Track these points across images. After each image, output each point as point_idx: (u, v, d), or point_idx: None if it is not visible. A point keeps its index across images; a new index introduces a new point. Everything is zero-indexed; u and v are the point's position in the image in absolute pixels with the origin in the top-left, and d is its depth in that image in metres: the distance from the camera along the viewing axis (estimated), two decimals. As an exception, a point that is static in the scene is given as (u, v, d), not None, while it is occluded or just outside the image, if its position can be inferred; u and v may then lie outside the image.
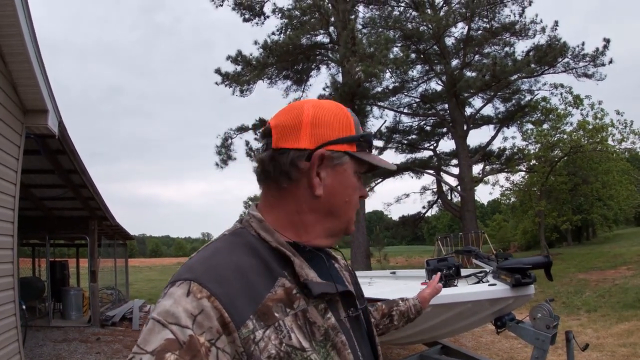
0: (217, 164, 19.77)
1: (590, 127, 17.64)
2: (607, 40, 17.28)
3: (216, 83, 19.12)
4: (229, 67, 18.81)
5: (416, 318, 1.47)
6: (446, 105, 21.58)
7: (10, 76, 4.22)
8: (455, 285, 4.48)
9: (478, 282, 4.47)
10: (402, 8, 21.57)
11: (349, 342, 0.81)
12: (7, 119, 4.29)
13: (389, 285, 6.41)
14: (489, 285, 4.01)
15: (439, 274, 1.74)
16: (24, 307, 6.75)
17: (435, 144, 24.13)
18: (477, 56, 21.01)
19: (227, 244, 0.81)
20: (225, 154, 19.78)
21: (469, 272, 5.07)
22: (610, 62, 17.55)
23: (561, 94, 19.77)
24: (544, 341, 3.41)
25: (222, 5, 19.70)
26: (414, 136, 24.22)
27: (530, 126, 20.45)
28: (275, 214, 0.86)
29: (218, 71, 18.85)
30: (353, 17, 19.00)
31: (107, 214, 9.37)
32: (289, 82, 21.61)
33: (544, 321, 3.46)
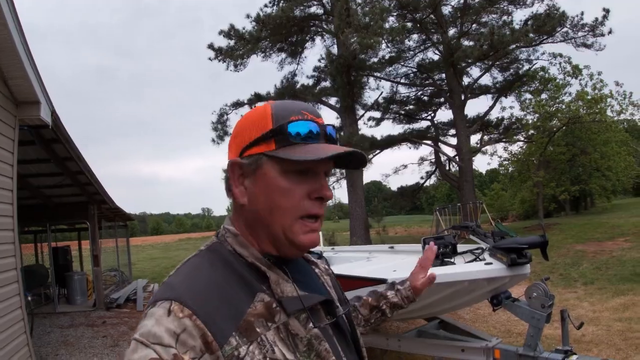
0: (213, 140, 19.85)
1: (589, 97, 17.44)
2: (607, 10, 16.92)
3: (209, 58, 18.92)
4: (222, 42, 18.59)
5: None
6: (443, 75, 21.24)
7: (0, 70, 4.17)
8: (453, 263, 4.54)
9: (475, 259, 4.53)
10: (397, -24, 21.05)
11: (332, 350, 0.81)
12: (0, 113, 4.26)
13: (387, 260, 6.43)
14: (485, 264, 4.03)
15: (431, 249, 1.43)
16: (29, 298, 6.85)
17: (432, 114, 23.86)
18: (474, 25, 20.52)
19: (205, 260, 0.80)
20: (221, 129, 19.88)
21: (466, 247, 5.13)
22: (610, 32, 17.16)
23: (560, 63, 19.41)
24: (539, 320, 3.50)
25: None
26: (411, 106, 23.89)
27: (528, 96, 20.11)
28: (241, 227, 0.86)
29: (211, 46, 18.55)
30: (347, -14, 18.56)
31: (106, 198, 9.37)
32: (283, 55, 21.24)
33: (539, 300, 3.54)
